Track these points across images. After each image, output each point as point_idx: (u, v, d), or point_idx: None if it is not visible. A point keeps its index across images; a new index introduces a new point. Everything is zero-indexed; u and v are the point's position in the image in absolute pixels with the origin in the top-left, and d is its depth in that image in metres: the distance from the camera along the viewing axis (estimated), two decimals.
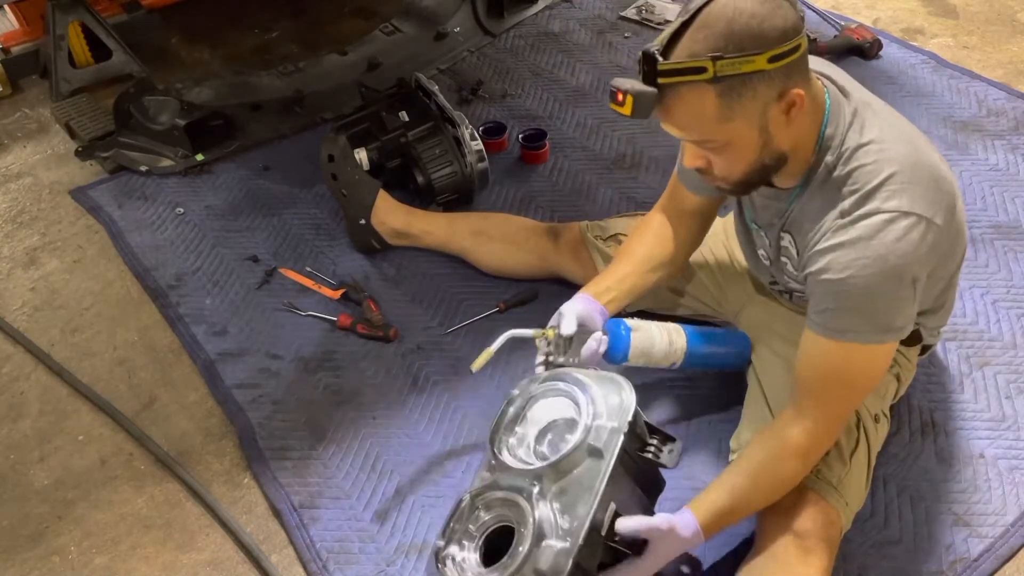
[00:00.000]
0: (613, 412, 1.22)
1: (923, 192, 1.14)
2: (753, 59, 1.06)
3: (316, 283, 1.94)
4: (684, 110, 1.11)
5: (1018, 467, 1.52)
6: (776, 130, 1.14)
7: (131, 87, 2.37)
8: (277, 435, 1.64)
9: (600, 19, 2.82)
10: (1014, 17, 2.76)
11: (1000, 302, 1.81)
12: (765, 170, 1.20)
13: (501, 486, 1.23)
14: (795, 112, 1.12)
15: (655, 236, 1.52)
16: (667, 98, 1.10)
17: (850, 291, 1.15)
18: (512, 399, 1.31)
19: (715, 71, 1.06)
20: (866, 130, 1.18)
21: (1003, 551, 1.41)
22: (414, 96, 2.14)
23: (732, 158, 1.17)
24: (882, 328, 1.18)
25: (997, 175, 2.12)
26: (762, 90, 1.09)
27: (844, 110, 1.20)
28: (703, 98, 1.09)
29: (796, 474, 1.26)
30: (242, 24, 2.91)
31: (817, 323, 1.20)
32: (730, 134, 1.13)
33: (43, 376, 1.81)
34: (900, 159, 1.15)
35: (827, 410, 1.24)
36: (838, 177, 1.18)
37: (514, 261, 1.87)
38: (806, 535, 1.25)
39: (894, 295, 1.16)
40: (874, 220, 1.13)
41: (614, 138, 2.33)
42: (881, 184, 1.13)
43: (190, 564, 1.48)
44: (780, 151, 1.18)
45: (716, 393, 1.66)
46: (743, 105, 1.09)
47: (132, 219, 2.15)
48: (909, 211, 1.12)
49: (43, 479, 1.62)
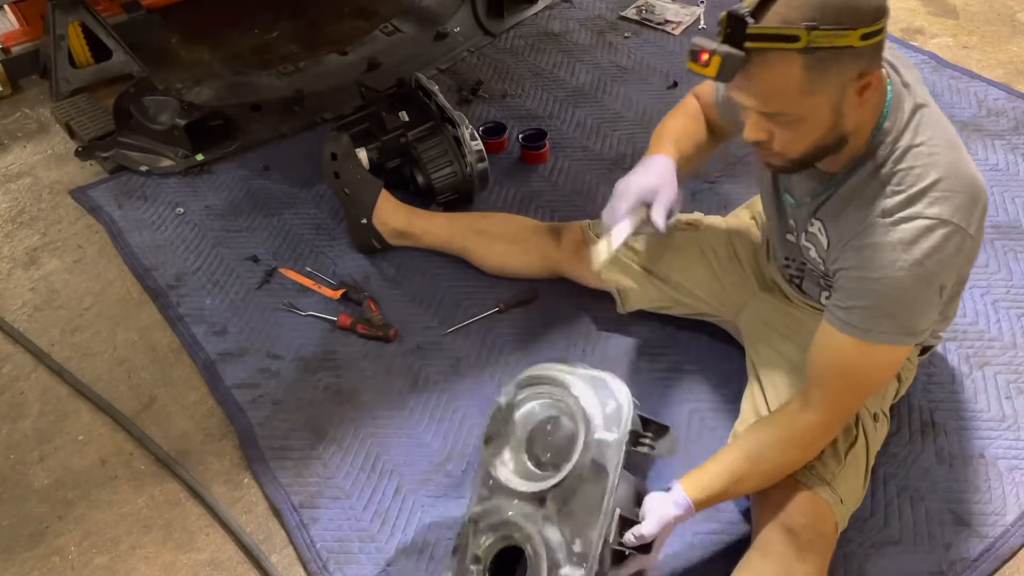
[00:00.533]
0: (611, 421, 1.21)
1: (962, 201, 1.14)
2: (847, 34, 1.02)
3: (316, 283, 1.94)
4: (768, 79, 1.06)
5: (1018, 467, 1.52)
6: (848, 111, 1.11)
7: (131, 87, 2.37)
8: (277, 435, 1.64)
9: (600, 19, 2.82)
10: (1014, 17, 2.76)
11: (1000, 302, 1.81)
12: (824, 151, 1.17)
13: (503, 510, 1.22)
14: (869, 94, 1.10)
15: (697, 122, 1.51)
16: (752, 64, 1.04)
17: (882, 292, 1.15)
18: (499, 408, 1.29)
19: (808, 41, 1.01)
20: (920, 131, 1.17)
21: (1003, 551, 1.41)
22: (414, 96, 2.14)
23: (799, 135, 1.14)
24: (906, 331, 1.18)
25: (997, 175, 2.12)
26: (849, 67, 1.06)
27: (904, 105, 1.18)
28: (790, 68, 1.04)
29: (796, 462, 1.27)
30: (242, 24, 2.91)
31: (840, 318, 1.20)
32: (807, 109, 1.09)
33: (43, 376, 1.81)
34: (946, 165, 1.14)
35: (835, 404, 1.24)
36: (885, 175, 1.17)
37: (515, 261, 1.87)
38: (800, 531, 1.26)
39: (923, 300, 1.17)
40: (916, 225, 1.13)
41: (614, 138, 2.33)
42: (926, 189, 1.13)
43: (190, 564, 1.48)
44: (844, 133, 1.15)
45: (715, 389, 1.66)
46: (827, 81, 1.06)
47: (132, 219, 2.15)
48: (949, 220, 1.13)
49: (43, 479, 1.62)
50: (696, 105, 1.53)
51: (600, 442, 1.19)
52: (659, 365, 1.72)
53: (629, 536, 1.19)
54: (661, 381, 1.68)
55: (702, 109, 1.52)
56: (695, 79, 1.17)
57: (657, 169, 1.40)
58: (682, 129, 1.49)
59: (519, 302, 1.86)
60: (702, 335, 1.74)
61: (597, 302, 1.81)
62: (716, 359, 1.71)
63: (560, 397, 1.26)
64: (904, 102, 1.18)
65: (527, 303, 1.86)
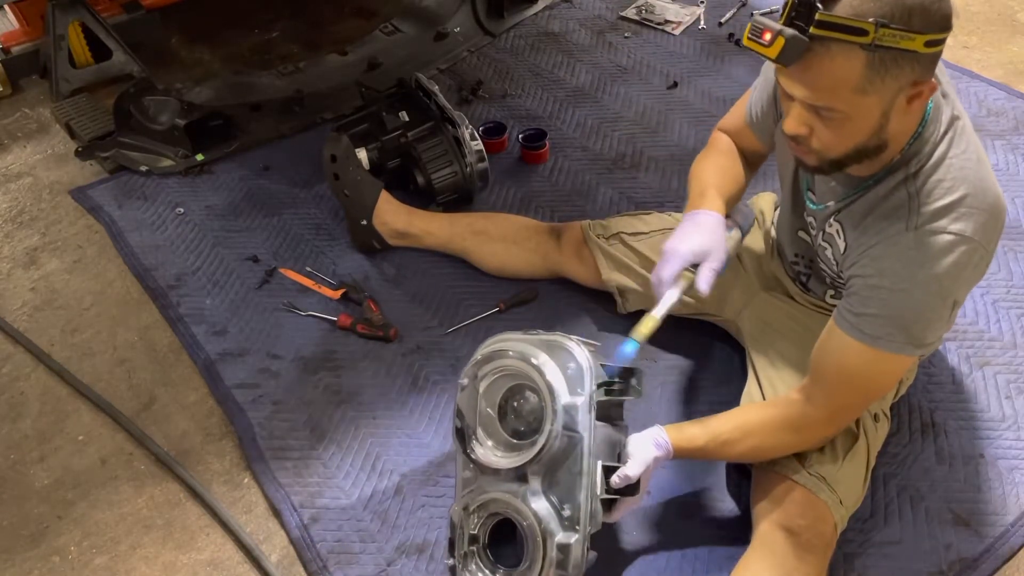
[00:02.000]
0: (574, 382, 1.22)
1: (985, 219, 1.13)
2: (914, 37, 0.99)
3: (316, 283, 1.94)
4: (828, 69, 1.02)
5: (1018, 467, 1.52)
6: (895, 117, 1.09)
7: (131, 87, 2.37)
8: (277, 435, 1.64)
9: (600, 19, 2.82)
10: (1014, 17, 2.76)
11: (1000, 302, 1.81)
12: (862, 155, 1.14)
13: (488, 490, 1.24)
14: (918, 104, 1.08)
15: (734, 159, 1.50)
16: (814, 52, 1.01)
17: (898, 303, 1.15)
18: (463, 390, 1.30)
19: (875, 37, 0.98)
20: (955, 143, 1.16)
21: (1003, 551, 1.41)
22: (414, 96, 2.14)
23: (842, 134, 1.10)
24: (915, 342, 1.18)
25: (997, 175, 2.08)
26: (907, 72, 1.03)
27: (943, 116, 1.17)
28: (851, 62, 1.01)
29: (786, 445, 1.28)
30: (242, 24, 2.91)
31: (851, 323, 1.20)
32: (856, 109, 1.06)
33: (43, 376, 1.81)
34: (975, 181, 1.14)
35: (836, 404, 1.25)
36: (915, 187, 1.15)
37: (515, 261, 1.87)
38: (799, 531, 1.26)
39: (936, 314, 1.17)
40: (939, 240, 1.12)
41: (614, 138, 2.33)
42: (954, 204, 1.12)
43: (190, 564, 1.48)
44: (885, 140, 1.12)
45: (715, 389, 1.66)
46: (885, 82, 1.03)
47: (132, 219, 2.15)
48: (972, 237, 1.12)
49: (43, 479, 1.62)
50: (726, 141, 1.51)
51: (568, 407, 1.20)
52: (659, 365, 1.72)
53: (615, 479, 1.22)
54: (661, 381, 1.68)
55: (737, 135, 1.51)
56: (696, 79, 1.17)
57: (706, 229, 1.35)
58: (722, 173, 1.46)
59: (519, 302, 1.86)
60: (702, 335, 1.74)
61: (597, 302, 1.81)
62: (716, 359, 1.72)
63: (520, 369, 1.26)
64: (943, 113, 1.17)
65: (527, 303, 1.86)
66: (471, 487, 1.28)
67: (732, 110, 1.53)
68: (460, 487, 1.31)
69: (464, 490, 1.29)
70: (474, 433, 1.28)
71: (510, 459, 1.25)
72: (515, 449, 1.27)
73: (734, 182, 1.46)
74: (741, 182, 1.48)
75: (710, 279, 1.32)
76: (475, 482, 1.28)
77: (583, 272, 1.78)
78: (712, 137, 1.55)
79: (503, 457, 1.26)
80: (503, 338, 1.31)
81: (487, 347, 1.31)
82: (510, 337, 1.31)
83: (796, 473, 1.30)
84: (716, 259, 1.33)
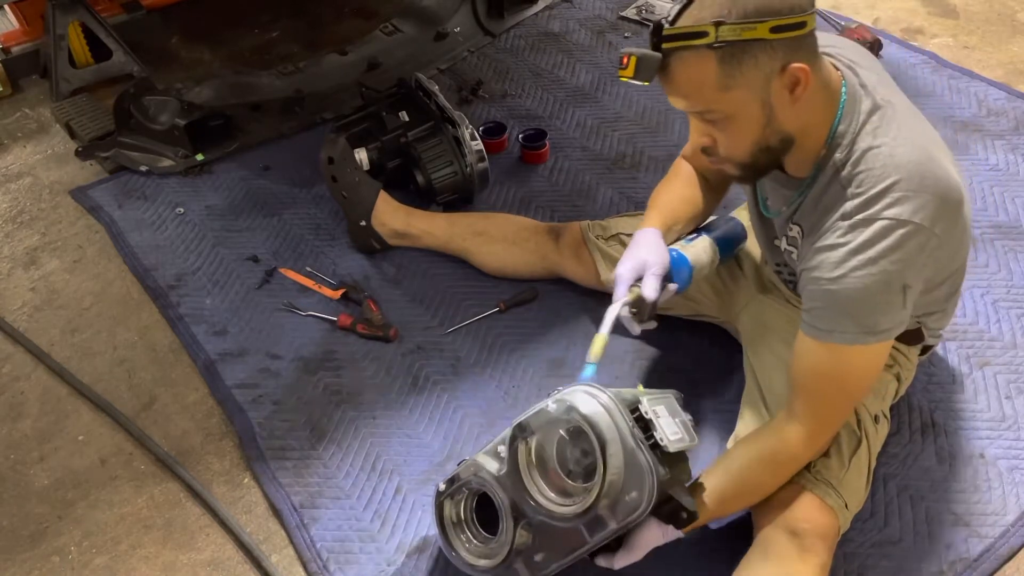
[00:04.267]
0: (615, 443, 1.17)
1: (925, 201, 1.13)
2: (755, 26, 1.06)
3: (316, 283, 1.94)
4: (685, 76, 1.11)
5: (1018, 467, 1.52)
6: (780, 108, 1.13)
7: (131, 87, 2.36)
8: (277, 435, 1.64)
9: (600, 19, 2.82)
10: (1014, 17, 2.76)
11: (1000, 302, 1.81)
12: (771, 152, 1.19)
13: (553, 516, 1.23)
14: (800, 91, 1.12)
15: (691, 185, 1.54)
16: (670, 64, 1.11)
17: (838, 292, 1.16)
18: (521, 446, 1.25)
19: (716, 36, 1.06)
20: (879, 132, 1.17)
21: (1003, 551, 1.41)
22: (414, 96, 2.14)
23: (735, 134, 1.17)
24: (867, 330, 1.18)
25: (997, 175, 2.12)
26: (763, 60, 1.09)
27: (860, 107, 1.19)
28: (704, 64, 1.09)
29: (784, 476, 1.28)
30: (242, 24, 2.91)
31: (807, 322, 1.22)
32: (732, 105, 1.12)
33: (43, 376, 1.81)
34: (907, 166, 1.14)
35: (819, 412, 1.24)
36: (844, 177, 1.17)
37: (515, 261, 1.87)
38: (804, 534, 1.25)
39: (882, 300, 1.16)
40: (873, 227, 1.13)
41: (614, 138, 2.33)
42: (885, 191, 1.13)
43: (190, 564, 1.48)
44: (785, 132, 1.17)
45: (715, 389, 1.66)
46: (744, 74, 1.09)
47: (132, 219, 2.15)
48: (909, 220, 1.12)
49: (43, 479, 1.62)
50: (684, 166, 1.56)
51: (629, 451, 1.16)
52: (659, 365, 1.72)
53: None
54: (661, 381, 1.68)
55: (697, 157, 1.52)
56: None
57: (641, 244, 1.42)
58: (669, 195, 1.53)
59: (519, 302, 1.86)
60: (702, 335, 1.74)
61: (597, 302, 1.81)
62: (716, 359, 1.71)
63: (583, 433, 1.21)
64: (860, 103, 1.19)
65: (527, 303, 1.86)
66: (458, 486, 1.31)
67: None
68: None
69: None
70: (536, 483, 1.25)
71: (573, 506, 1.21)
72: (572, 492, 1.22)
73: (684, 202, 1.52)
74: (696, 203, 1.53)
75: (653, 284, 1.37)
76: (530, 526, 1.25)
77: (582, 272, 1.78)
78: (673, 165, 1.59)
79: (564, 503, 1.23)
80: (560, 405, 1.23)
81: (542, 411, 1.25)
82: (560, 403, 1.24)
83: (802, 478, 1.30)
84: (656, 266, 1.38)
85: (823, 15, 2.73)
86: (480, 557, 1.30)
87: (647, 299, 1.37)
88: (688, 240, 1.50)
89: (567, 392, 1.21)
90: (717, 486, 1.27)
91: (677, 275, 1.44)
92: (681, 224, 1.50)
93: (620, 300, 1.37)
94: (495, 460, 1.27)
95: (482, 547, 1.31)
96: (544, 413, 1.21)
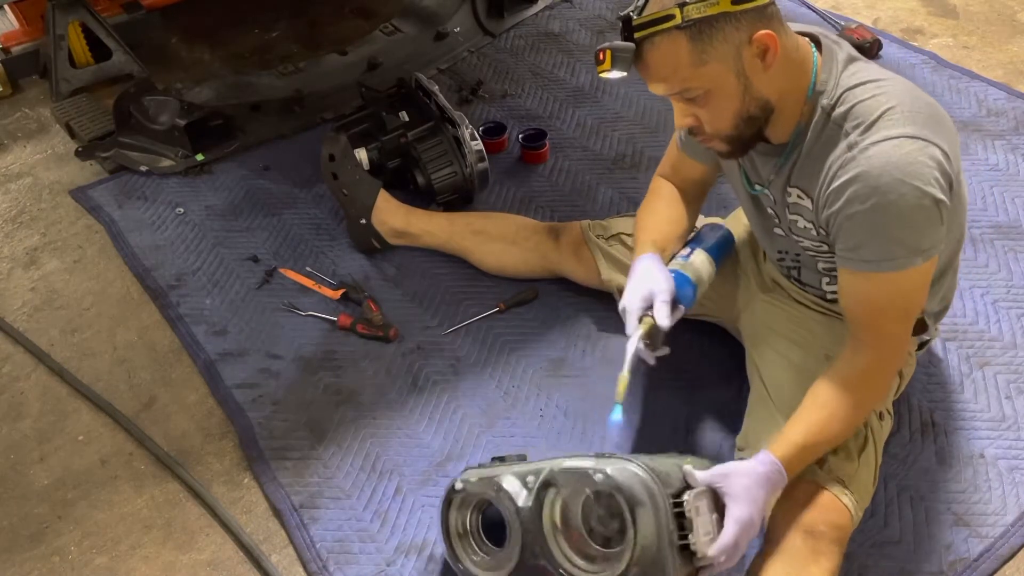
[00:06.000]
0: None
1: (924, 121, 1.16)
2: (717, 2, 1.12)
3: (316, 283, 1.94)
4: (660, 59, 1.16)
5: (1018, 467, 1.52)
6: (754, 75, 1.18)
7: (131, 87, 2.37)
8: (277, 435, 1.64)
9: (600, 19, 2.82)
10: (1014, 17, 2.76)
11: (1000, 302, 1.81)
12: (753, 121, 1.23)
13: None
14: (771, 57, 1.16)
15: (675, 204, 1.56)
16: (644, 52, 1.17)
17: (877, 219, 1.16)
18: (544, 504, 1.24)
19: (683, 16, 1.13)
20: (861, 73, 1.21)
21: (1003, 551, 1.41)
22: (414, 96, 2.14)
23: (716, 108, 1.20)
24: (913, 250, 1.18)
25: (997, 175, 2.12)
26: (731, 32, 1.14)
27: (837, 57, 1.23)
28: (676, 45, 1.15)
29: (869, 402, 1.28)
30: (242, 24, 2.91)
31: (851, 260, 1.22)
32: (708, 80, 1.17)
33: (43, 376, 1.81)
34: (899, 95, 1.18)
35: (884, 337, 1.25)
36: (838, 115, 1.20)
37: (514, 261, 1.87)
38: (819, 534, 1.24)
39: (920, 216, 1.16)
40: (883, 146, 1.14)
41: (614, 138, 2.33)
42: (883, 114, 1.16)
43: (190, 564, 1.48)
44: (764, 99, 1.21)
45: (715, 389, 1.66)
46: (715, 47, 1.14)
47: (132, 219, 2.15)
48: (915, 135, 1.14)
49: (43, 479, 1.62)
50: (664, 186, 1.59)
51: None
52: (659, 365, 1.70)
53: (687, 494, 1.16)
54: (661, 381, 1.68)
55: (676, 170, 1.58)
56: None
57: (642, 272, 1.42)
58: (655, 218, 1.55)
59: (519, 302, 1.86)
60: (703, 335, 1.74)
61: (597, 302, 1.81)
62: (716, 359, 1.71)
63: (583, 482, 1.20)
64: (836, 55, 1.23)
65: (527, 303, 1.86)
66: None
67: (666, 153, 1.61)
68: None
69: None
70: (559, 544, 1.22)
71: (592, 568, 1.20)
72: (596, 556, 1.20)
73: (671, 223, 1.54)
74: (681, 221, 1.54)
75: (664, 311, 1.37)
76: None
77: (582, 272, 1.78)
78: (651, 185, 1.61)
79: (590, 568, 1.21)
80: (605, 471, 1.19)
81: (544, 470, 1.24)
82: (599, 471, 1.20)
83: (816, 475, 1.29)
84: (663, 292, 1.38)
85: (823, 15, 2.73)
86: (484, 569, 1.30)
87: (662, 327, 1.37)
88: (683, 257, 1.49)
89: (614, 465, 1.15)
90: (801, 427, 1.24)
91: (682, 295, 1.44)
92: (672, 244, 1.51)
93: (636, 335, 1.37)
94: (522, 487, 1.24)
95: (487, 559, 1.30)
96: (585, 478, 1.17)
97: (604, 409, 1.64)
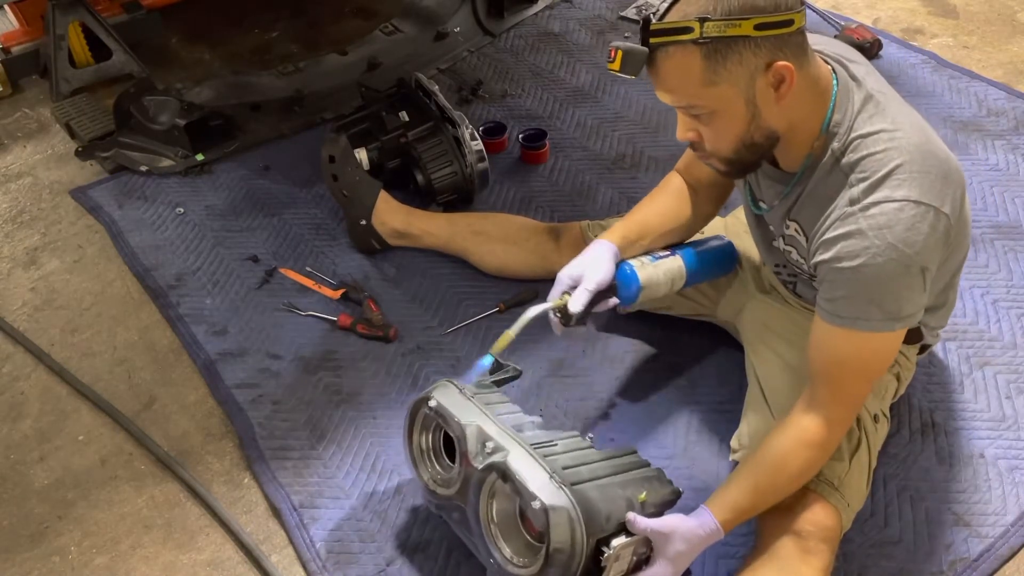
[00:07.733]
0: None
1: (932, 182, 1.14)
2: (740, 23, 1.08)
3: (316, 283, 1.94)
4: (671, 70, 1.14)
5: (1018, 467, 1.52)
6: (765, 105, 1.15)
7: (131, 87, 2.37)
8: (277, 435, 1.64)
9: (600, 19, 2.82)
10: (1014, 17, 2.76)
11: (1000, 302, 1.81)
12: (756, 149, 1.21)
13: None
14: (785, 89, 1.13)
15: (675, 198, 1.54)
16: (657, 59, 1.14)
17: (862, 280, 1.15)
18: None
19: (701, 32, 1.09)
20: (876, 118, 1.18)
21: (1003, 551, 1.41)
22: (414, 96, 2.14)
23: (720, 129, 1.18)
24: (892, 316, 1.18)
25: (997, 175, 2.12)
26: (748, 57, 1.10)
27: (854, 97, 1.19)
28: (689, 59, 1.11)
29: (816, 463, 1.26)
30: (242, 24, 2.91)
31: (828, 311, 1.21)
32: (716, 100, 1.14)
33: (43, 376, 1.81)
34: (910, 148, 1.15)
35: (840, 397, 1.24)
36: (846, 164, 1.18)
37: (514, 261, 1.87)
38: (807, 535, 1.25)
39: (904, 284, 1.16)
40: (884, 208, 1.13)
41: (614, 138, 2.33)
42: (890, 173, 1.14)
43: (190, 564, 1.48)
44: (771, 129, 1.18)
45: (715, 389, 1.66)
46: (728, 70, 1.11)
47: (132, 219, 2.15)
48: (919, 200, 1.13)
49: (43, 479, 1.62)
50: (674, 180, 1.57)
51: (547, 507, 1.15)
52: (659, 365, 1.72)
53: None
54: (661, 381, 1.68)
55: (688, 167, 1.56)
56: None
57: (589, 256, 1.45)
58: (645, 209, 1.55)
59: (519, 302, 1.86)
60: (702, 335, 1.74)
61: None
62: (716, 359, 1.71)
63: None
64: (853, 94, 1.20)
65: (527, 303, 1.86)
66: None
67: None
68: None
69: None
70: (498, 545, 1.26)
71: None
72: None
73: (660, 216, 1.53)
74: (676, 217, 1.53)
75: (581, 299, 1.41)
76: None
77: None
78: (665, 178, 1.59)
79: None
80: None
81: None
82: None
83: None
84: (590, 281, 1.42)
85: (823, 15, 2.73)
86: (440, 485, 1.35)
87: (571, 311, 1.41)
88: (654, 257, 1.48)
89: (557, 496, 1.15)
90: (747, 488, 1.25)
91: (624, 290, 1.45)
92: (650, 238, 1.50)
93: (545, 305, 1.43)
94: (479, 451, 1.26)
95: (442, 474, 1.36)
96: (526, 494, 1.16)
97: (604, 409, 1.65)
